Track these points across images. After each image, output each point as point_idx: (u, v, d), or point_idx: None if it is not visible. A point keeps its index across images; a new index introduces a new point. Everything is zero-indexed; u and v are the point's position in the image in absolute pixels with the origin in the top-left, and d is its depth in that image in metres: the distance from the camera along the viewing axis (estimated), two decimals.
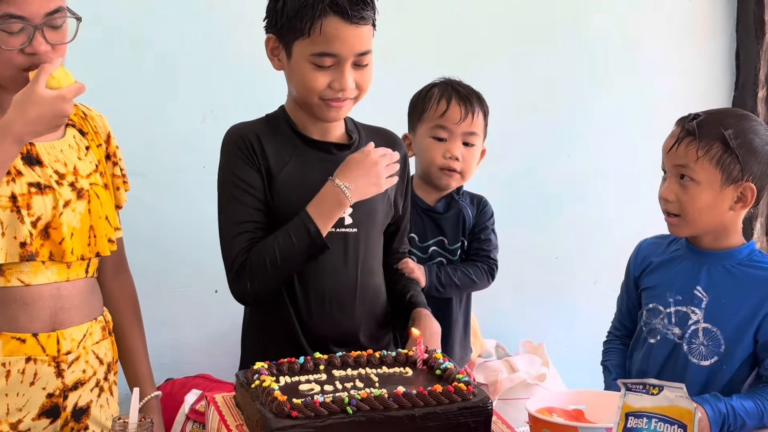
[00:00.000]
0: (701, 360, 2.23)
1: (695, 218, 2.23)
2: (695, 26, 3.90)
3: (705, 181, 2.20)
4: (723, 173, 2.18)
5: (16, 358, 1.94)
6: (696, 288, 2.26)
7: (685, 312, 2.26)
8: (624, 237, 3.79)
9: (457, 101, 2.58)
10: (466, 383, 1.78)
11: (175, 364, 3.28)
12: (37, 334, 1.97)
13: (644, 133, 3.79)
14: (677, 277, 2.30)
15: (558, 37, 3.68)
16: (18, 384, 1.95)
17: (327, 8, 2.05)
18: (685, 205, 2.22)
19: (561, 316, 3.80)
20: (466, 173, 2.60)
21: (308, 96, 2.14)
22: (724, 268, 2.25)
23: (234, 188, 2.16)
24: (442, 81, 2.67)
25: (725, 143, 2.17)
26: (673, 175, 2.25)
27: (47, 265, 1.98)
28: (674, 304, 2.28)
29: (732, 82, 3.96)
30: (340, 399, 1.68)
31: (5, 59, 1.88)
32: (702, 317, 2.24)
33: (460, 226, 2.63)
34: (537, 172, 3.71)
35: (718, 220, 2.23)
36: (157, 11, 3.13)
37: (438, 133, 2.57)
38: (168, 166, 3.18)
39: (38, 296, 1.98)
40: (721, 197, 2.20)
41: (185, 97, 3.19)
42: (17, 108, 1.81)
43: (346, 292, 2.23)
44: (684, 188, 2.22)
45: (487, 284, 2.63)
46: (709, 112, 2.28)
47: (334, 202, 2.12)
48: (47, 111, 1.82)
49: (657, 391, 1.71)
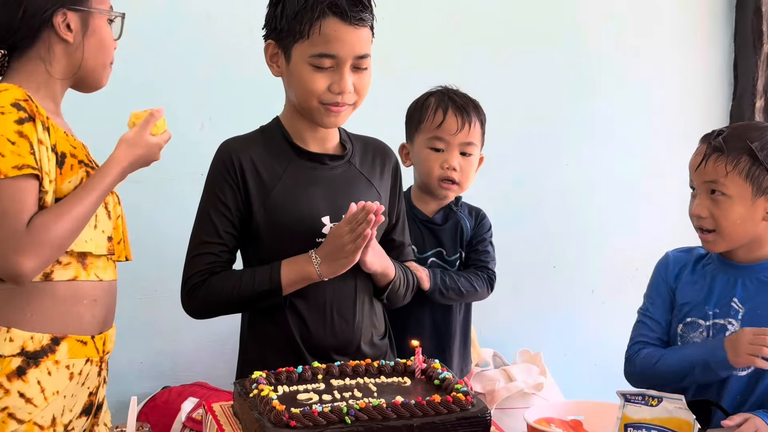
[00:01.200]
0: (739, 371, 2.24)
1: (730, 232, 2.25)
2: (694, 36, 3.91)
3: (736, 195, 2.22)
4: (753, 185, 2.21)
5: (79, 360, 2.02)
6: (732, 300, 2.28)
7: (723, 324, 2.28)
8: (622, 246, 3.82)
9: (454, 111, 2.55)
10: (465, 393, 1.78)
11: (172, 371, 3.27)
12: (94, 336, 2.06)
13: (642, 143, 3.81)
14: (713, 291, 2.32)
15: (557, 46, 3.68)
16: (74, 384, 2.02)
17: (326, 9, 2.07)
18: (720, 220, 2.24)
19: (558, 325, 3.79)
20: (464, 183, 2.59)
21: (308, 100, 2.14)
22: (758, 280, 2.28)
23: (210, 206, 2.21)
24: (438, 90, 2.65)
25: (753, 156, 2.20)
26: (703, 192, 2.27)
27: (110, 263, 2.11)
28: (713, 317, 2.30)
29: (730, 91, 3.96)
30: (338, 409, 1.68)
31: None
32: (738, 327, 2.26)
33: (458, 238, 2.62)
34: (535, 181, 3.71)
35: (753, 232, 2.26)
36: (155, 19, 3.13)
37: (435, 144, 2.55)
38: (165, 173, 3.18)
39: (104, 293, 2.09)
40: (753, 209, 2.23)
41: (183, 104, 3.19)
42: (127, 146, 2.03)
43: (345, 301, 2.23)
44: (716, 203, 2.25)
45: (487, 294, 2.62)
46: (732, 126, 2.33)
47: (303, 272, 2.14)
48: (147, 154, 2.06)
49: (656, 403, 1.72)
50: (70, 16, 2.01)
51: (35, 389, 1.94)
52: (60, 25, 2.00)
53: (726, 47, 3.95)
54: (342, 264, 2.12)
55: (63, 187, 1.95)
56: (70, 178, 1.96)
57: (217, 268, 2.20)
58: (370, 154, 2.33)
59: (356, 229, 2.06)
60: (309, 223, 2.17)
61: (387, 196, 2.32)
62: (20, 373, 1.93)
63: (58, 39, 2.01)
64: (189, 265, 2.22)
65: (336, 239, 2.10)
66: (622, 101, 3.80)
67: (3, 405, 1.92)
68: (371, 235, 2.08)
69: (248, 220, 2.20)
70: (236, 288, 2.16)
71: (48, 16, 1.99)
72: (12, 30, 2.00)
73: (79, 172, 1.98)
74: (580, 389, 3.19)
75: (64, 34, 2.01)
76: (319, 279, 2.14)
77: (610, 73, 3.78)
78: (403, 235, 2.42)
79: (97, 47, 2.06)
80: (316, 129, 2.22)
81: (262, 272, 2.17)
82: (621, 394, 1.76)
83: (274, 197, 2.18)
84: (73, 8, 2.01)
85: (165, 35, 3.14)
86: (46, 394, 1.95)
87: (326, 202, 2.19)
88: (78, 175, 1.98)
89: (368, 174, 2.29)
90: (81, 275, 2.01)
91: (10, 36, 2.01)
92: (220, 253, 2.20)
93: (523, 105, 3.65)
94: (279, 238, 2.18)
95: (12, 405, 1.92)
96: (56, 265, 1.96)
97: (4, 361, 1.92)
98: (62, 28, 2.00)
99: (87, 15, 2.03)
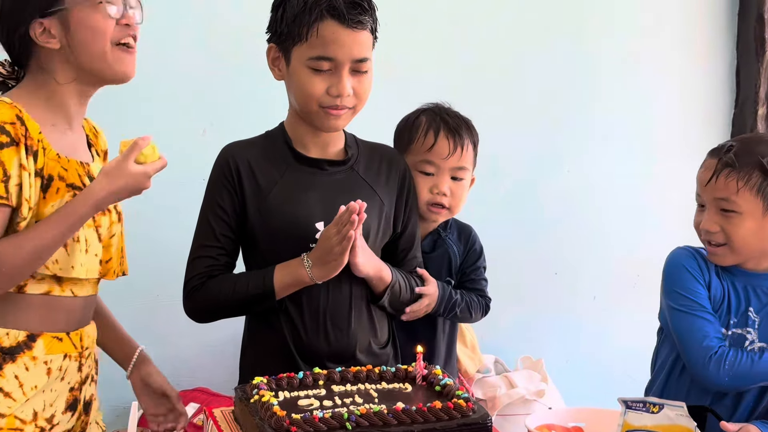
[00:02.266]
0: None
1: (741, 247, 2.25)
2: (695, 43, 3.90)
3: (747, 211, 2.22)
4: (764, 201, 2.21)
5: (56, 355, 2.00)
6: (749, 309, 2.29)
7: (741, 334, 2.28)
8: (623, 253, 3.81)
9: (446, 134, 2.44)
10: (466, 399, 1.78)
11: (174, 377, 3.23)
12: (69, 333, 2.03)
13: (644, 150, 3.81)
14: (731, 299, 2.31)
15: (558, 53, 3.69)
16: (54, 380, 2.00)
17: (324, 12, 2.08)
18: (731, 235, 2.24)
19: (560, 331, 3.79)
20: (455, 208, 2.49)
21: (307, 103, 2.15)
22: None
23: (209, 210, 2.23)
24: (430, 108, 2.53)
25: (764, 171, 2.20)
26: (713, 207, 2.27)
27: (92, 281, 2.08)
28: (732, 326, 2.30)
29: (732, 99, 3.96)
30: (339, 415, 1.68)
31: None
32: (756, 337, 2.27)
33: (445, 267, 2.53)
34: (536, 187, 3.71)
35: (762, 246, 2.26)
36: (157, 24, 3.13)
37: (425, 167, 2.44)
38: (167, 179, 3.16)
39: (81, 305, 2.06)
40: (764, 223, 2.23)
41: (185, 110, 3.19)
42: (105, 177, 1.92)
43: (339, 308, 2.22)
44: (727, 219, 2.24)
45: (479, 319, 2.57)
46: (741, 140, 2.31)
47: (295, 275, 2.14)
48: (131, 185, 1.94)
49: (657, 410, 1.71)
50: (47, 23, 1.93)
51: (13, 383, 1.92)
52: (38, 37, 1.93)
53: (728, 55, 3.94)
54: (332, 267, 2.12)
55: (45, 210, 1.92)
56: (53, 202, 1.92)
57: (215, 272, 2.21)
58: (376, 161, 2.31)
59: (342, 231, 2.06)
60: (303, 227, 2.17)
61: (392, 205, 2.31)
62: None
63: (45, 49, 1.95)
64: (189, 269, 2.24)
65: (325, 242, 2.10)
66: (624, 109, 3.80)
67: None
68: (354, 236, 2.07)
69: (244, 224, 2.21)
70: (232, 291, 2.18)
71: (23, 32, 1.93)
72: (8, 48, 1.98)
73: (66, 196, 1.94)
74: (581, 396, 3.18)
75: (46, 43, 1.94)
76: (311, 282, 2.14)
77: (612, 79, 3.78)
78: (411, 245, 2.38)
79: (86, 40, 1.96)
80: (318, 134, 2.22)
81: (257, 276, 2.18)
82: (622, 401, 1.76)
83: (270, 201, 2.19)
84: (47, 14, 1.93)
85: (167, 40, 3.14)
86: (24, 389, 1.94)
87: (323, 208, 2.18)
88: (63, 200, 1.94)
89: (372, 181, 2.28)
90: (55, 290, 1.99)
91: (10, 53, 2.00)
92: (218, 256, 2.22)
93: (525, 111, 3.65)
94: (274, 243, 2.19)
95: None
96: (30, 279, 1.94)
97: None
98: (42, 39, 1.93)
99: (65, 14, 1.93)
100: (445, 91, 2.67)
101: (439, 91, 2.70)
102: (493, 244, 2.75)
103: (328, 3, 2.07)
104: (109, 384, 2.86)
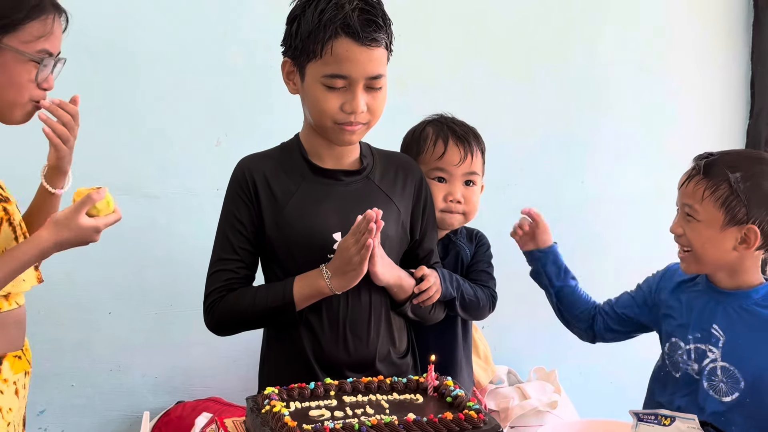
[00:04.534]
0: (722, 396, 2.23)
1: (702, 255, 2.24)
2: (710, 54, 3.89)
3: (706, 221, 2.21)
4: (727, 214, 2.19)
5: (20, 374, 2.00)
6: (713, 326, 2.26)
7: (703, 350, 2.27)
8: (637, 263, 3.79)
9: (455, 142, 2.47)
10: (477, 411, 1.77)
11: (186, 386, 3.28)
12: (23, 349, 2.04)
13: (658, 160, 3.79)
14: (694, 313, 2.31)
15: (572, 63, 3.68)
16: (20, 399, 2.01)
17: (338, 30, 2.06)
18: (692, 241, 2.25)
19: (574, 342, 3.74)
20: (470, 214, 2.51)
21: (322, 119, 2.15)
22: (740, 308, 2.26)
23: (226, 223, 2.23)
24: (435, 119, 2.55)
25: (731, 186, 2.18)
26: (681, 211, 2.29)
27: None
28: (693, 341, 2.29)
29: (747, 110, 3.95)
30: (350, 425, 1.68)
31: None
32: (719, 356, 2.24)
33: (459, 268, 2.55)
34: (550, 198, 3.70)
35: (724, 259, 2.24)
36: (173, 35, 3.15)
37: (438, 174, 2.47)
38: (181, 189, 3.19)
39: (23, 315, 2.04)
40: (722, 237, 2.21)
41: (199, 119, 3.21)
42: (53, 228, 1.89)
43: (359, 318, 2.22)
44: (688, 224, 2.25)
45: (488, 313, 2.55)
46: (726, 152, 2.30)
47: (315, 286, 2.14)
48: (79, 238, 1.91)
49: (669, 422, 1.71)
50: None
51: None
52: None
53: (743, 65, 3.93)
54: (351, 277, 2.12)
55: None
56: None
57: (235, 285, 2.21)
58: (392, 169, 2.31)
59: (360, 240, 2.07)
60: (320, 239, 2.17)
61: (408, 212, 2.31)
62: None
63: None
64: (208, 282, 2.24)
65: (343, 252, 2.10)
66: (638, 120, 3.79)
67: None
68: (373, 245, 2.07)
69: (262, 236, 2.22)
70: (252, 304, 2.18)
71: None
72: None
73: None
74: (594, 407, 3.17)
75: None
76: (331, 293, 2.14)
77: (626, 90, 3.77)
78: (430, 253, 2.38)
79: (4, 84, 1.91)
80: (333, 146, 2.23)
81: (276, 288, 2.18)
82: (634, 414, 1.75)
83: (287, 213, 2.19)
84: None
85: (181, 51, 3.16)
86: (4, 413, 1.93)
87: (340, 218, 2.19)
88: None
89: (388, 189, 2.28)
90: (4, 307, 1.97)
91: None
92: (237, 269, 2.22)
93: (539, 122, 3.64)
94: (291, 255, 2.20)
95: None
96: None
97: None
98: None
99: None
100: (458, 102, 2.68)
101: (452, 101, 2.71)
102: (507, 255, 2.75)
103: (343, 20, 2.06)
104: (122, 393, 2.88)
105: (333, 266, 2.13)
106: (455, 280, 2.39)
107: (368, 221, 2.03)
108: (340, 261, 2.11)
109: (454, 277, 2.39)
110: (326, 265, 2.14)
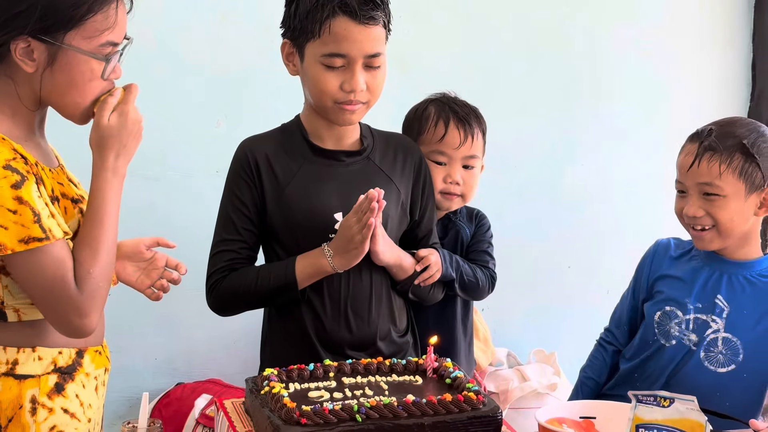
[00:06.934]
0: (718, 367, 2.25)
1: (728, 229, 2.24)
2: (711, 36, 3.88)
3: (731, 194, 2.22)
4: (747, 183, 2.21)
5: (100, 370, 1.98)
6: (717, 297, 2.27)
7: (705, 320, 2.27)
8: (637, 246, 3.78)
9: (456, 124, 2.45)
10: (476, 392, 1.78)
11: (186, 368, 3.29)
12: (102, 345, 2.01)
13: (658, 143, 3.79)
14: (696, 284, 2.31)
15: (572, 45, 3.68)
16: (100, 396, 1.99)
17: (336, 8, 2.07)
18: (718, 218, 2.23)
19: (573, 325, 3.78)
20: (468, 195, 2.50)
21: (321, 99, 2.15)
22: (744, 279, 2.28)
23: (229, 205, 2.24)
24: (438, 98, 2.53)
25: (745, 152, 2.20)
26: (696, 193, 2.26)
27: None
28: (694, 311, 2.29)
29: (748, 92, 3.94)
30: (349, 407, 1.68)
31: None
32: (723, 326, 2.25)
33: (458, 248, 2.55)
34: (550, 181, 3.70)
35: (744, 228, 2.26)
36: (171, 17, 3.14)
37: (437, 157, 2.45)
38: (181, 171, 3.20)
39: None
40: (747, 205, 2.23)
41: (199, 102, 3.20)
42: (100, 141, 1.83)
43: (360, 297, 2.23)
44: (711, 203, 2.24)
45: (487, 294, 2.54)
46: (718, 124, 2.30)
47: (317, 264, 2.16)
48: (123, 133, 1.85)
49: (668, 404, 1.71)
50: (34, 44, 1.76)
51: (75, 404, 1.88)
52: (17, 51, 1.76)
53: (744, 48, 3.92)
54: (353, 255, 2.13)
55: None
56: (68, 221, 1.83)
57: (237, 265, 2.22)
58: (392, 150, 2.32)
59: (362, 219, 2.07)
60: (321, 219, 2.18)
61: (408, 193, 2.32)
62: (59, 389, 1.86)
63: (17, 64, 1.78)
64: (211, 263, 2.25)
65: (345, 231, 2.11)
66: (639, 102, 3.79)
67: (51, 424, 1.84)
68: (375, 224, 2.07)
69: (264, 217, 2.23)
70: (254, 284, 2.19)
71: (3, 38, 1.75)
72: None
73: (74, 212, 1.86)
74: None
75: (21, 61, 1.77)
76: (333, 272, 2.15)
77: (627, 73, 3.76)
78: (429, 233, 2.38)
79: (66, 85, 1.81)
80: (334, 126, 2.23)
81: (278, 267, 2.19)
82: (633, 395, 1.75)
83: (288, 194, 2.20)
84: (39, 38, 1.75)
85: (181, 33, 3.15)
86: (84, 409, 1.91)
87: (341, 198, 2.20)
88: (75, 218, 1.86)
89: (388, 170, 2.29)
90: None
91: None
92: (240, 249, 2.23)
93: (539, 104, 3.64)
94: (293, 235, 2.21)
95: (59, 422, 1.85)
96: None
97: (40, 380, 1.84)
98: (19, 54, 1.76)
99: (56, 49, 1.77)
100: (460, 83, 2.67)
101: (453, 83, 2.70)
102: (507, 237, 2.76)
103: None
104: (122, 374, 2.88)
105: (335, 245, 2.14)
106: (455, 260, 2.39)
107: (370, 200, 2.04)
108: (342, 240, 2.12)
109: (453, 258, 2.39)
110: (328, 244, 2.15)
